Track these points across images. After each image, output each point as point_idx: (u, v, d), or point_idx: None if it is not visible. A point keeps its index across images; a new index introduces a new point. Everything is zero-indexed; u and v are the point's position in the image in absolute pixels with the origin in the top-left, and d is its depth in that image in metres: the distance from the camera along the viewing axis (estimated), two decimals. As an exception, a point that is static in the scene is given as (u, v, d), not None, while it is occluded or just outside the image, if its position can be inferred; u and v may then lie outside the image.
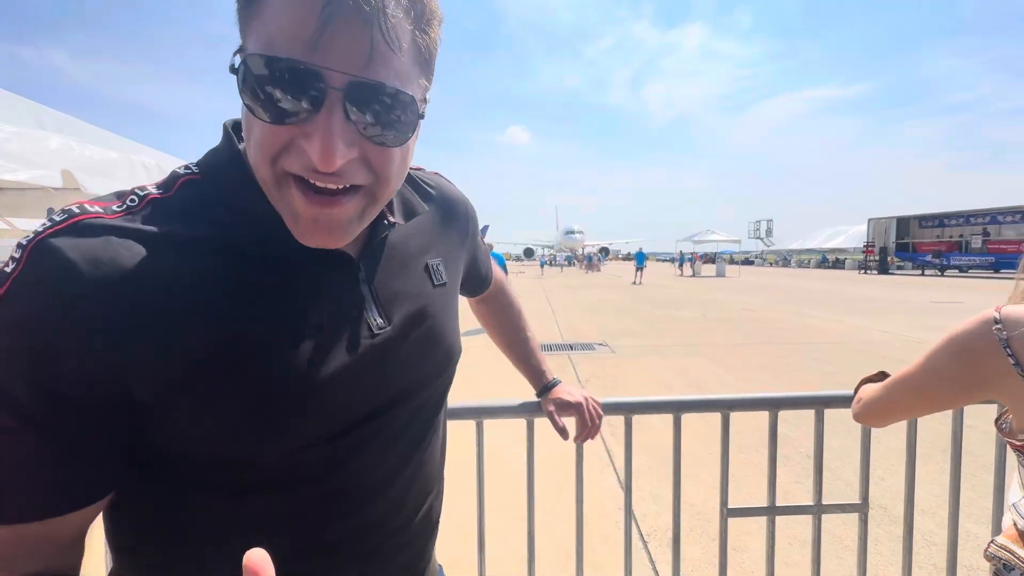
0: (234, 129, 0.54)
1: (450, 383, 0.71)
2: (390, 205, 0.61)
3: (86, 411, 0.44)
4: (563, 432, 1.07)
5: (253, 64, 0.41)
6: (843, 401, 1.17)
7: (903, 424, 1.23)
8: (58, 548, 0.47)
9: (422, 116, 0.47)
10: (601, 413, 1.10)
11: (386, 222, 0.59)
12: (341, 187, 0.45)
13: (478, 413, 1.17)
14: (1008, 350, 0.69)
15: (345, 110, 0.42)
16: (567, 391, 1.09)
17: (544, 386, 1.09)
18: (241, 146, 0.52)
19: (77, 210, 0.45)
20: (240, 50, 0.43)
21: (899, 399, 0.86)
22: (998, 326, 0.70)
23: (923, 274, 30.30)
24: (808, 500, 1.25)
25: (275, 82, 0.40)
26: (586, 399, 1.08)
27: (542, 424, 1.16)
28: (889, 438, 2.28)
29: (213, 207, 0.50)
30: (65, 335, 0.41)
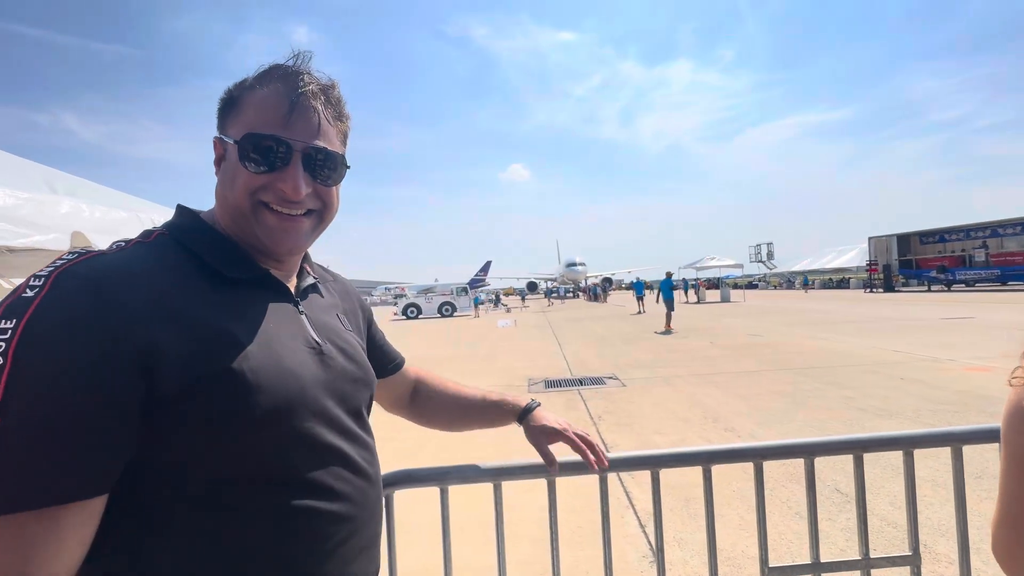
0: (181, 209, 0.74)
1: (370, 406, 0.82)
2: (313, 268, 0.86)
3: (117, 401, 0.52)
4: (553, 464, 1.00)
5: (250, 139, 0.66)
6: (883, 444, 1.12)
7: (947, 453, 1.15)
8: (66, 556, 0.50)
9: (348, 167, 0.74)
10: (585, 434, 1.03)
11: (311, 276, 0.81)
12: (301, 212, 0.70)
13: (442, 478, 1.09)
14: None
15: (304, 163, 0.68)
16: (550, 417, 1.02)
17: (525, 408, 1.03)
18: (203, 213, 0.74)
19: (82, 251, 0.58)
20: (223, 136, 0.70)
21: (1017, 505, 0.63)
22: None
23: (929, 290, 30.10)
24: (878, 544, 1.16)
25: (263, 148, 0.66)
26: (569, 424, 1.02)
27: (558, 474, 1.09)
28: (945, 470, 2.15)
29: (185, 248, 0.67)
30: (100, 331, 0.52)
